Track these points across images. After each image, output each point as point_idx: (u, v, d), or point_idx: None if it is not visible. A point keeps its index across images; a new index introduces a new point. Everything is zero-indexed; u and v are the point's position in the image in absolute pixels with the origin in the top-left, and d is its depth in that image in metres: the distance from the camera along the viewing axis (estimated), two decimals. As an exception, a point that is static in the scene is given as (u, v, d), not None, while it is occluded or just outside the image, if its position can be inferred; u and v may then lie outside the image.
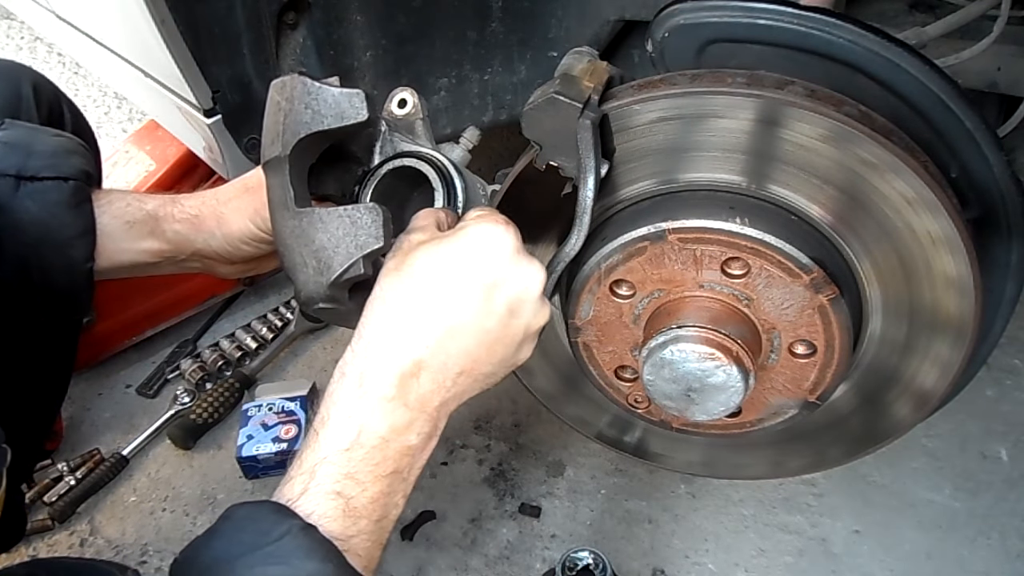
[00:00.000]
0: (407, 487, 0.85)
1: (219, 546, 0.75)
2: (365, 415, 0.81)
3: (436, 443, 0.87)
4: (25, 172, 1.06)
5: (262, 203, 1.03)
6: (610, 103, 0.97)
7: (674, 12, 1.02)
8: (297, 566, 0.71)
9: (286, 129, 0.95)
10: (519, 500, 1.75)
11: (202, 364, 2.11)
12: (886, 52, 0.95)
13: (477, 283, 0.86)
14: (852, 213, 0.97)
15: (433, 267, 0.86)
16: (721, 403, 1.03)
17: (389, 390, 0.82)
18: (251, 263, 1.24)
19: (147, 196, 1.20)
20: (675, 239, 0.99)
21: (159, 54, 1.34)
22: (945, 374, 1.06)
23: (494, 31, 1.53)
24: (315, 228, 0.92)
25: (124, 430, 1.99)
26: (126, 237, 1.14)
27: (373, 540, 0.80)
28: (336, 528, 0.76)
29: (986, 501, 1.68)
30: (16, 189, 1.05)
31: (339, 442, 0.80)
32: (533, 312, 0.90)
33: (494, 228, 0.88)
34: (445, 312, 0.84)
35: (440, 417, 0.87)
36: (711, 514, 1.70)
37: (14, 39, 3.99)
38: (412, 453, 0.84)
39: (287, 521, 0.75)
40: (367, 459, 0.80)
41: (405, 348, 0.83)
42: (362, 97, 0.95)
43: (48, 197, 1.06)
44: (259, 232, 1.16)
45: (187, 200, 1.20)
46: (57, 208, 1.07)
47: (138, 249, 1.15)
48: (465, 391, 0.89)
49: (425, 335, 0.84)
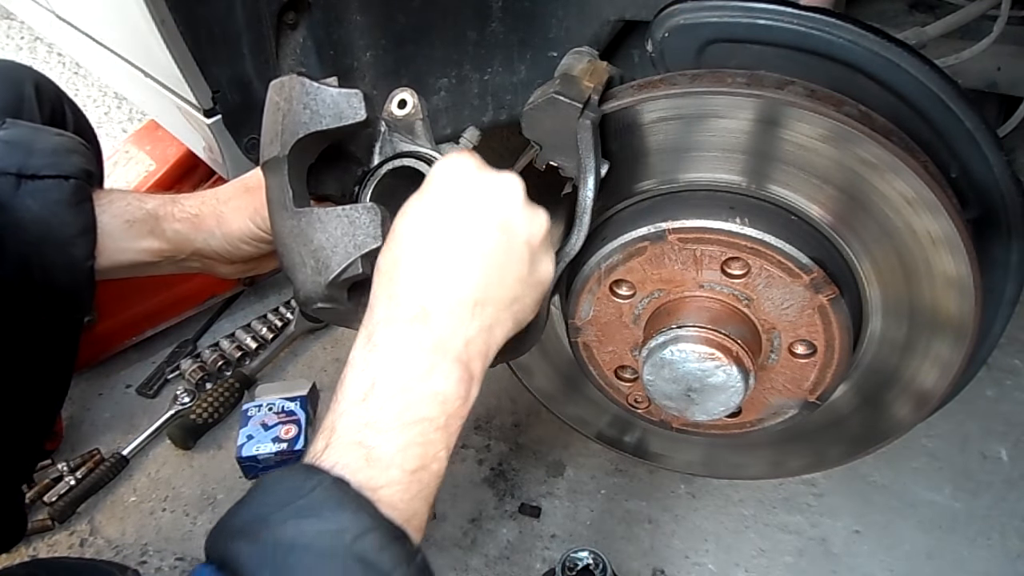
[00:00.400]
0: (448, 438, 0.79)
1: (251, 508, 0.73)
2: (378, 366, 0.78)
3: (478, 389, 0.82)
4: (26, 171, 1.06)
5: (262, 203, 1.03)
6: (610, 103, 0.97)
7: (674, 12, 1.02)
8: (329, 518, 0.69)
9: (284, 129, 0.95)
10: (519, 500, 1.75)
11: (202, 364, 2.11)
12: (886, 52, 0.95)
13: (453, 214, 0.84)
14: (852, 213, 0.97)
15: (412, 221, 0.85)
16: (721, 403, 1.03)
17: (399, 339, 0.79)
18: (251, 263, 1.24)
19: (147, 196, 1.20)
20: (675, 239, 0.99)
21: (159, 54, 1.34)
22: (945, 374, 1.06)
23: (494, 31, 1.53)
24: (313, 228, 0.92)
25: (124, 430, 1.99)
26: (126, 236, 1.14)
27: (411, 492, 0.75)
28: (361, 478, 0.72)
29: (986, 501, 1.68)
30: (17, 187, 1.05)
31: (355, 394, 0.77)
32: (526, 221, 0.86)
33: (454, 159, 0.87)
34: (434, 252, 0.82)
35: (472, 358, 0.81)
36: (711, 514, 1.70)
37: (14, 39, 3.99)
38: (443, 400, 0.78)
39: (316, 476, 0.72)
40: (386, 407, 0.76)
41: (406, 297, 0.81)
42: (360, 97, 0.95)
43: (49, 196, 1.06)
44: (259, 232, 1.16)
45: (187, 200, 1.20)
46: (58, 207, 1.07)
47: (138, 248, 1.15)
48: (494, 324, 0.83)
49: (422, 279, 0.81)
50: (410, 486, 0.75)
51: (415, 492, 0.76)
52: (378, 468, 0.74)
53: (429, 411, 0.78)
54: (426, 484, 0.77)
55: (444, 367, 0.79)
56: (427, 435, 0.77)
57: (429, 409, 0.78)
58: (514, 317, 0.86)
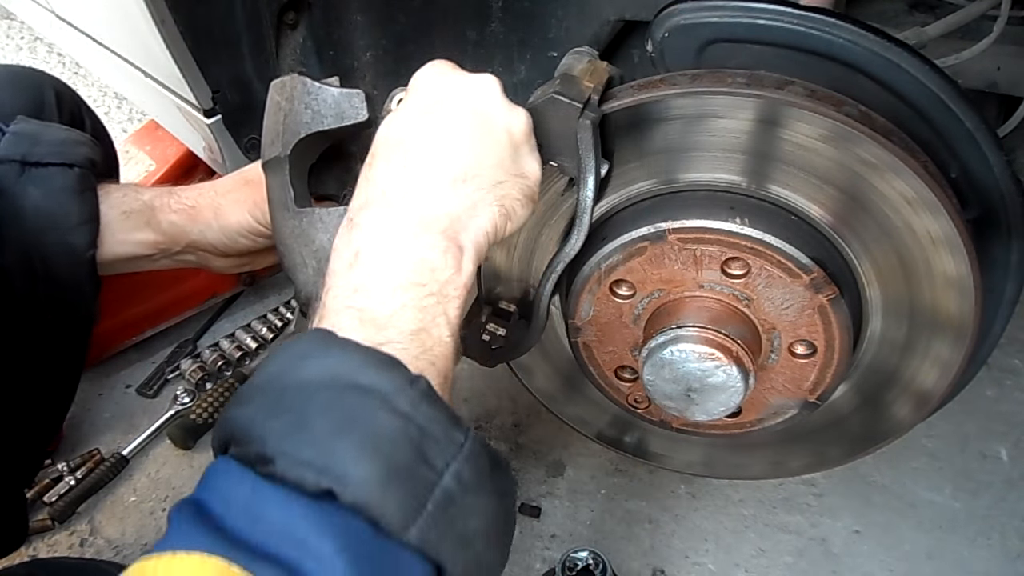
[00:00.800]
0: (446, 307, 0.74)
1: (264, 372, 0.69)
2: (361, 239, 0.75)
3: (472, 266, 0.78)
4: (30, 158, 1.06)
5: (262, 196, 1.03)
6: (610, 103, 0.97)
7: (674, 12, 1.02)
8: (321, 357, 0.67)
9: (286, 129, 0.95)
10: (519, 500, 1.75)
11: (202, 364, 2.11)
12: (886, 52, 0.95)
13: (429, 105, 0.82)
14: (852, 213, 0.97)
15: (390, 121, 0.83)
16: (721, 403, 1.03)
17: (380, 216, 0.76)
18: (246, 257, 1.23)
19: (144, 187, 1.20)
20: (675, 239, 0.99)
21: (159, 54, 1.34)
22: (945, 374, 1.06)
23: (494, 31, 1.53)
24: (315, 228, 0.92)
25: (124, 430, 1.99)
26: (122, 228, 1.13)
27: (413, 352, 0.70)
28: (358, 337, 0.69)
29: (986, 501, 1.68)
30: (20, 174, 1.04)
31: (341, 267, 0.74)
32: (504, 112, 0.84)
33: (429, 65, 0.86)
34: (410, 138, 0.80)
35: (458, 232, 0.77)
36: (711, 514, 1.70)
37: (14, 39, 3.99)
38: (431, 268, 0.74)
39: (324, 333, 0.70)
40: (374, 272, 0.73)
41: (384, 180, 0.79)
42: (362, 97, 0.95)
43: (52, 183, 1.06)
44: (257, 225, 1.15)
45: (184, 191, 1.20)
46: (62, 195, 1.06)
47: (134, 240, 1.14)
48: (478, 202, 0.80)
49: (400, 163, 0.79)
50: (411, 346, 0.71)
51: (418, 352, 0.71)
52: (373, 328, 0.70)
53: (419, 277, 0.74)
54: (430, 347, 0.72)
55: (428, 238, 0.76)
56: (421, 300, 0.73)
57: (418, 275, 0.74)
58: (499, 201, 0.82)
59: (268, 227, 1.13)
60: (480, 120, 0.82)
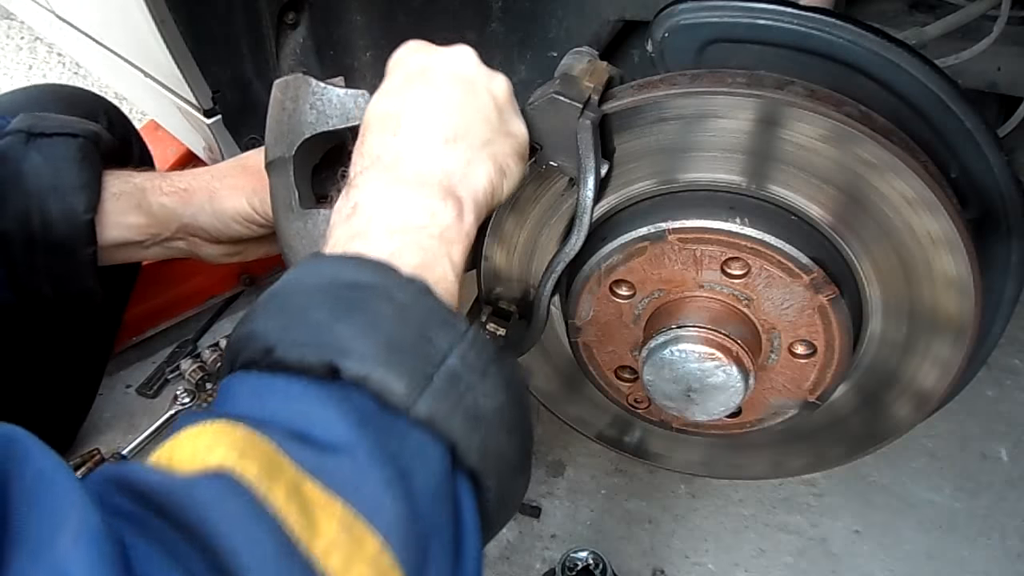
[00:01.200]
0: (449, 250, 0.73)
1: (263, 294, 0.68)
2: (359, 195, 0.75)
3: (474, 221, 0.77)
4: (35, 130, 1.08)
5: (261, 184, 1.02)
6: (610, 103, 0.97)
7: (674, 12, 1.02)
8: (312, 267, 0.67)
9: (291, 129, 0.95)
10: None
11: (202, 364, 2.11)
12: (886, 52, 0.95)
13: (410, 78, 0.82)
14: (852, 213, 0.97)
15: (374, 101, 0.83)
16: (721, 403, 1.03)
17: (377, 177, 0.77)
18: (239, 245, 1.22)
19: (136, 171, 1.20)
20: (675, 239, 0.99)
21: (159, 54, 1.34)
22: (945, 374, 1.06)
23: (494, 31, 1.53)
24: (319, 229, 0.92)
25: (124, 430, 1.98)
26: (114, 210, 1.13)
27: None
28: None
29: (986, 501, 1.68)
30: (26, 143, 1.07)
31: (338, 219, 0.74)
32: (485, 76, 0.84)
33: (400, 48, 0.86)
34: (397, 110, 0.80)
35: (455, 186, 0.77)
36: (711, 514, 1.70)
37: (14, 39, 3.99)
38: (431, 212, 0.73)
39: (318, 254, 0.71)
40: (371, 217, 0.72)
41: (378, 147, 0.78)
42: (367, 98, 0.95)
43: (55, 150, 1.07)
44: (253, 213, 1.14)
45: (177, 175, 1.19)
46: (62, 160, 1.07)
47: (126, 224, 1.13)
48: (472, 159, 0.79)
49: (390, 132, 0.79)
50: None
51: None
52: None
53: (419, 219, 0.73)
54: (433, 283, 0.69)
55: (427, 190, 0.75)
56: (422, 241, 0.72)
57: (419, 218, 0.73)
58: (493, 158, 0.81)
59: (264, 215, 1.12)
60: (463, 83, 0.82)
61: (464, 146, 0.79)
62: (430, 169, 0.76)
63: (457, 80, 0.83)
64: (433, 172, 0.76)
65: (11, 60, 3.81)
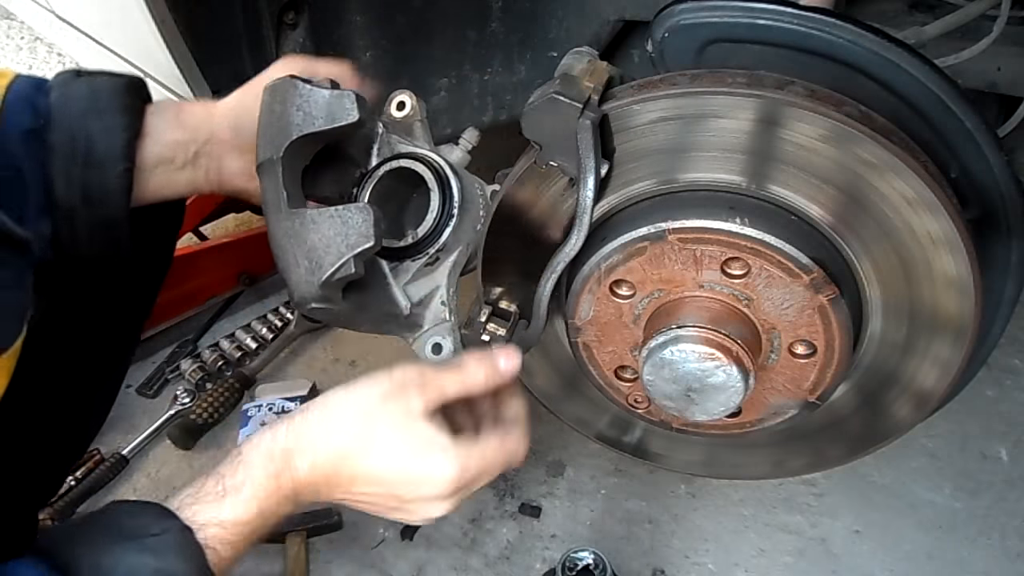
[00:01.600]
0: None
1: (103, 529, 0.83)
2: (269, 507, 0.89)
3: None
4: (83, 72, 1.13)
5: None
6: (610, 103, 0.97)
7: (674, 12, 1.02)
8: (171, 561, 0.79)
9: (279, 131, 0.95)
10: (519, 500, 1.75)
11: (202, 364, 2.11)
12: (886, 52, 0.95)
13: (382, 490, 0.92)
14: (852, 213, 0.97)
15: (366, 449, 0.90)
16: (721, 403, 1.03)
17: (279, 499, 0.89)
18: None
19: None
20: (675, 239, 0.99)
21: (159, 54, 1.34)
22: (945, 374, 1.06)
23: (494, 31, 1.53)
24: (307, 229, 0.92)
25: (124, 430, 1.98)
26: (153, 127, 1.13)
27: (239, 549, 0.87)
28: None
29: (986, 501, 1.69)
30: (75, 77, 1.11)
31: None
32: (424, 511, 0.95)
33: (440, 464, 0.90)
34: (344, 459, 0.90)
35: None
36: (711, 514, 1.70)
37: (14, 39, 3.99)
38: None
39: (168, 520, 0.82)
40: (247, 537, 0.88)
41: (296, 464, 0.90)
42: (353, 98, 0.95)
43: (101, 82, 1.11)
44: None
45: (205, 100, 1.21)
46: (107, 89, 1.10)
47: (163, 141, 1.13)
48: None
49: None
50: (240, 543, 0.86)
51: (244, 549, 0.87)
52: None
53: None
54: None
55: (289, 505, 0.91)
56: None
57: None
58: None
59: None
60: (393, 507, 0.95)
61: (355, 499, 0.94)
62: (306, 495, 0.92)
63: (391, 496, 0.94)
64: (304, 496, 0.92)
65: (11, 60, 3.81)
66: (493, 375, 0.96)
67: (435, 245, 1.07)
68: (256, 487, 0.88)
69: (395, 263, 1.07)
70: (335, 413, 0.90)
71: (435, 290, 1.11)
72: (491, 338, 1.10)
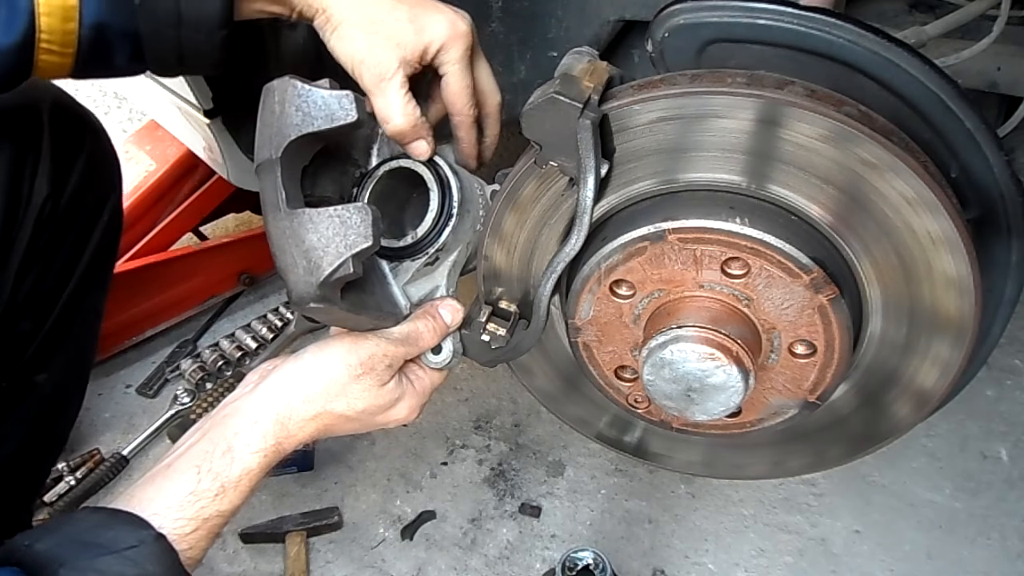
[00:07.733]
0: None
1: (73, 539, 0.88)
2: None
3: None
4: None
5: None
6: (610, 103, 0.97)
7: (674, 12, 1.02)
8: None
9: (277, 132, 0.95)
10: (519, 500, 1.75)
11: (202, 364, 2.11)
12: (886, 52, 0.95)
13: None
14: (852, 213, 0.97)
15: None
16: (721, 403, 1.03)
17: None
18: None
19: None
20: (675, 239, 0.99)
21: (159, 54, 1.33)
22: (945, 374, 1.06)
23: (494, 31, 1.53)
24: (306, 229, 0.92)
25: (124, 430, 1.99)
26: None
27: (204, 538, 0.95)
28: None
29: (986, 501, 1.69)
30: None
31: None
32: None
33: (403, 407, 1.08)
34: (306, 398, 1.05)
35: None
36: (711, 514, 1.70)
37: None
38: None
39: (143, 530, 0.88)
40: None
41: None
42: (352, 98, 0.95)
43: None
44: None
45: None
46: None
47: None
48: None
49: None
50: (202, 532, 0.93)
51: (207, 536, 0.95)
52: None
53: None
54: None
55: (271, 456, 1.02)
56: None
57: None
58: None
59: None
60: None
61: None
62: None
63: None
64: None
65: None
66: (443, 330, 1.09)
67: (435, 245, 1.07)
68: (252, 478, 0.98)
69: (395, 263, 1.08)
70: (313, 386, 1.06)
71: (435, 290, 1.11)
72: (491, 338, 1.10)
